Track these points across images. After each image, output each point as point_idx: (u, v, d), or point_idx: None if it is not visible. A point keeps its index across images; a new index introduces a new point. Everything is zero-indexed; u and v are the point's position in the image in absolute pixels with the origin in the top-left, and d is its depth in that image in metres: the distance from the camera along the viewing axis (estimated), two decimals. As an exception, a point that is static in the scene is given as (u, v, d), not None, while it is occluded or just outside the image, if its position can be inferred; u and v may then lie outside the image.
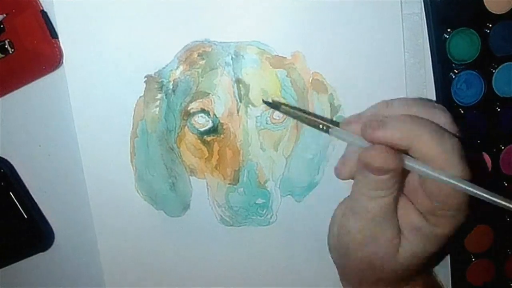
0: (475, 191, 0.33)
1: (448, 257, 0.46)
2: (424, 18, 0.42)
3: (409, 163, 0.34)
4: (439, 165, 0.33)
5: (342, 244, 0.39)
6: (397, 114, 0.35)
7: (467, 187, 0.33)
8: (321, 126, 0.38)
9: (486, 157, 0.44)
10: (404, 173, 0.35)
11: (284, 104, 0.42)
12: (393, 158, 0.33)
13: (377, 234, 0.36)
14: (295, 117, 0.41)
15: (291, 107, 0.42)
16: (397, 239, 0.36)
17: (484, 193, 0.33)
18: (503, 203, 0.33)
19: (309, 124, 0.39)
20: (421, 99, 0.39)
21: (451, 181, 0.33)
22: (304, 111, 0.42)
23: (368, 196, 0.35)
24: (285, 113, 0.41)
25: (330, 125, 0.37)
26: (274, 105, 0.42)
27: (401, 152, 0.34)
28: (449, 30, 0.42)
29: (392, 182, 0.34)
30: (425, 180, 0.35)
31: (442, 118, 0.35)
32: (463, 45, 0.42)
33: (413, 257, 0.36)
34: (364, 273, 0.39)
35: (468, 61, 0.42)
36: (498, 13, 0.41)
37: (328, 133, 0.38)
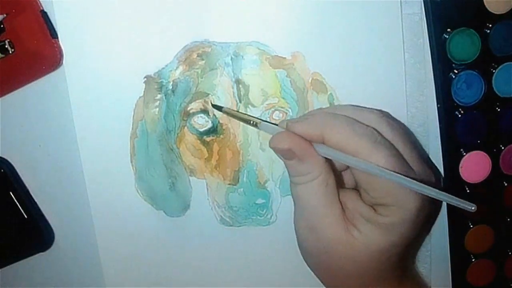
0: (389, 176, 0.33)
1: (448, 257, 0.46)
2: (424, 18, 0.42)
3: (319, 149, 0.36)
4: (353, 152, 0.34)
5: (297, 240, 0.40)
6: (331, 111, 0.38)
7: (375, 171, 0.33)
8: (251, 122, 0.41)
9: (486, 157, 0.44)
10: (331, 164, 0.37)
11: (224, 107, 0.43)
12: (286, 140, 0.36)
13: (313, 221, 0.37)
14: (234, 117, 0.43)
15: (231, 109, 0.43)
16: (341, 225, 0.37)
17: (395, 177, 0.33)
18: (422, 189, 0.33)
19: (243, 121, 0.42)
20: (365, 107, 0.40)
21: (363, 165, 0.34)
22: (240, 112, 0.43)
23: (294, 183, 0.37)
24: (228, 113, 0.43)
25: (259, 121, 0.40)
26: (218, 107, 0.43)
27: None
28: (449, 30, 0.41)
29: (306, 167, 0.36)
30: (354, 172, 0.37)
31: (372, 115, 0.37)
32: (463, 45, 0.41)
33: (367, 247, 0.36)
34: (324, 263, 0.39)
35: (468, 61, 0.42)
36: (498, 13, 0.41)
37: (258, 128, 0.40)
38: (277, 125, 0.39)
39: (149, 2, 0.42)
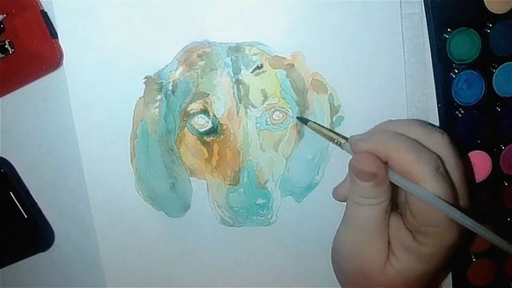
0: (445, 208, 0.33)
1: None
2: (424, 18, 0.41)
3: (391, 174, 0.35)
4: (414, 178, 0.34)
5: (335, 253, 0.40)
6: (398, 130, 0.37)
7: (436, 202, 0.33)
8: (335, 141, 0.40)
9: (487, 157, 0.44)
10: (395, 190, 0.37)
11: (311, 120, 0.43)
12: (375, 162, 0.35)
13: (366, 244, 0.37)
14: (319, 132, 0.42)
15: (317, 124, 0.43)
16: (385, 253, 0.37)
17: (455, 212, 0.33)
18: (474, 226, 0.33)
19: (327, 139, 0.42)
20: (423, 121, 0.40)
21: (423, 194, 0.34)
22: (326, 128, 0.43)
23: (357, 203, 0.37)
24: (312, 128, 0.43)
25: (342, 141, 0.39)
26: (304, 120, 0.43)
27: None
28: (449, 30, 0.41)
29: (377, 191, 0.35)
30: (408, 196, 0.36)
31: (437, 139, 0.36)
32: (463, 45, 0.41)
33: (401, 274, 0.36)
34: (357, 284, 0.38)
35: (468, 61, 0.42)
36: (498, 12, 0.41)
37: (342, 148, 0.40)
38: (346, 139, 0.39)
39: (149, 3, 0.41)
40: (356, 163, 0.36)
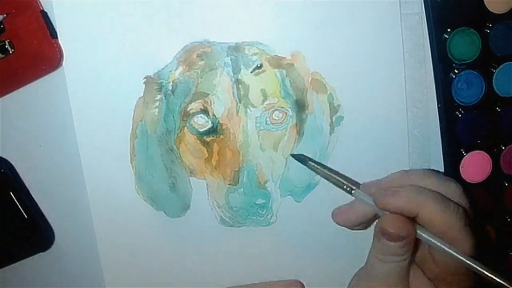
0: (473, 265, 0.34)
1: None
2: (424, 18, 0.41)
3: (420, 232, 0.36)
4: (442, 233, 0.35)
5: None
6: (412, 183, 0.37)
7: (466, 260, 0.34)
8: (345, 187, 0.40)
9: (487, 157, 0.43)
10: (415, 241, 0.37)
11: (310, 159, 0.43)
12: (407, 226, 0.35)
13: None
14: (320, 174, 0.42)
15: (318, 163, 0.42)
16: None
17: (481, 267, 0.34)
18: (499, 280, 0.33)
19: (333, 183, 0.41)
20: (435, 171, 0.41)
21: (452, 253, 0.34)
22: (330, 169, 0.43)
23: (383, 261, 0.37)
24: (312, 169, 0.42)
25: (354, 188, 0.40)
26: (302, 160, 0.43)
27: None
28: (449, 30, 0.41)
29: (406, 249, 0.36)
30: (433, 249, 0.37)
31: (454, 189, 0.37)
32: (464, 45, 0.41)
33: None
34: None
35: (469, 61, 0.41)
36: (498, 12, 0.41)
37: (351, 195, 0.40)
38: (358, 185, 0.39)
39: (149, 3, 0.41)
40: (387, 226, 0.36)
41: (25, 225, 0.44)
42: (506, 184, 0.44)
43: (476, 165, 0.43)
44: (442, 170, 0.44)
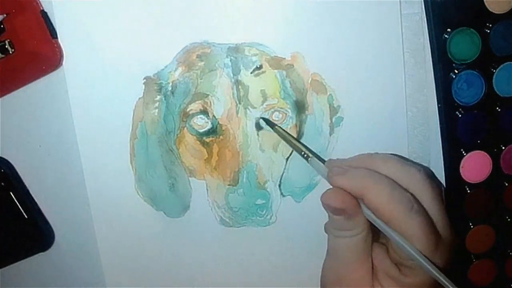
0: (411, 251, 0.34)
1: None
2: (424, 18, 0.41)
3: (366, 210, 0.36)
4: (387, 217, 0.34)
5: (322, 282, 0.40)
6: (372, 165, 0.37)
7: (407, 248, 0.34)
8: (302, 153, 0.41)
9: (487, 157, 0.43)
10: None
11: (277, 125, 0.43)
12: (345, 199, 0.36)
13: (347, 274, 0.38)
14: (284, 139, 0.42)
15: (284, 130, 0.42)
16: (368, 282, 0.37)
17: (421, 258, 0.34)
18: (436, 275, 0.33)
19: (294, 149, 0.42)
20: (401, 157, 0.40)
21: (391, 235, 0.34)
22: (293, 137, 0.43)
23: (333, 235, 0.37)
24: (277, 133, 0.42)
25: (310, 155, 0.40)
26: (270, 123, 0.43)
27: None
28: (449, 30, 0.40)
29: (349, 225, 0.36)
30: None
31: (414, 175, 0.36)
32: (464, 44, 0.41)
33: None
34: None
35: (469, 61, 0.41)
36: (498, 12, 0.40)
37: (307, 162, 0.40)
38: (324, 161, 0.40)
39: (149, 3, 0.41)
40: (325, 199, 0.36)
41: (25, 225, 0.44)
42: (506, 184, 0.44)
43: (476, 165, 0.43)
44: (442, 170, 0.43)
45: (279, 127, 0.42)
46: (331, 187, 0.37)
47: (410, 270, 0.35)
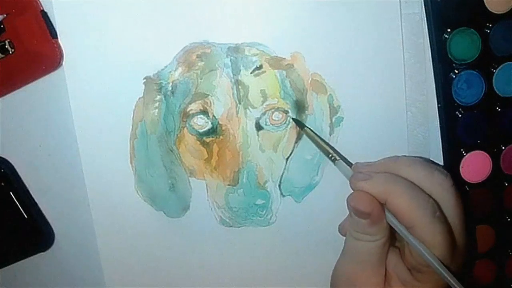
0: (431, 260, 0.33)
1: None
2: (424, 18, 0.41)
3: (390, 217, 0.35)
4: (409, 223, 0.34)
5: (333, 282, 0.40)
6: (397, 169, 0.37)
7: (427, 256, 0.34)
8: (330, 155, 0.40)
9: (487, 157, 0.43)
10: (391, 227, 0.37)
11: (307, 127, 0.42)
12: (371, 203, 0.35)
13: (361, 277, 0.37)
14: (312, 141, 0.42)
15: (313, 132, 0.42)
16: (378, 286, 0.37)
17: (440, 266, 0.33)
18: (454, 284, 0.33)
19: (321, 151, 0.41)
20: (426, 160, 0.40)
21: (415, 245, 0.34)
22: (323, 140, 0.42)
23: (354, 238, 0.37)
24: (307, 135, 0.42)
25: (337, 158, 0.40)
26: (300, 124, 0.43)
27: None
28: (449, 30, 0.40)
29: (375, 229, 0.36)
30: None
31: (438, 179, 0.36)
32: (464, 45, 0.40)
33: None
34: None
35: (469, 61, 0.41)
36: (498, 12, 0.40)
37: (334, 164, 0.40)
38: (351, 165, 0.40)
39: (149, 3, 0.40)
40: (352, 201, 0.36)
41: (25, 225, 0.43)
42: (506, 184, 0.44)
43: (476, 165, 0.43)
44: None
45: (309, 128, 0.42)
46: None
47: (423, 275, 0.35)
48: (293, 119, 0.42)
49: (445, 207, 0.35)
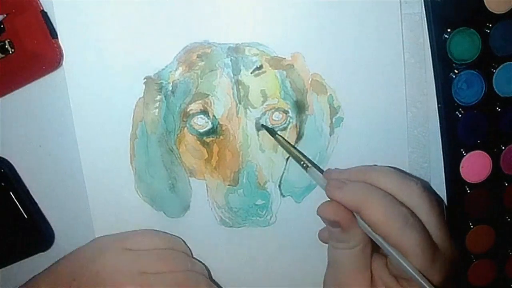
0: (406, 267, 0.34)
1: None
2: (424, 18, 0.40)
3: (362, 225, 0.36)
4: (383, 232, 0.34)
5: None
6: (371, 178, 0.37)
7: (399, 260, 0.34)
8: (302, 162, 0.40)
9: (487, 157, 0.42)
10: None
11: (278, 134, 0.42)
12: (340, 212, 0.36)
13: (343, 283, 0.37)
14: (284, 148, 0.42)
15: (284, 139, 0.42)
16: None
17: (415, 272, 0.33)
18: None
19: (293, 158, 0.42)
20: (399, 170, 0.40)
21: (389, 250, 0.34)
22: (293, 146, 0.43)
23: (334, 247, 0.38)
24: (278, 141, 0.42)
25: (309, 165, 0.40)
26: (270, 131, 0.42)
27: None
28: (449, 30, 0.40)
29: (347, 236, 0.36)
30: None
31: (414, 188, 0.36)
32: (464, 44, 0.40)
33: None
34: None
35: (469, 61, 0.40)
36: (498, 12, 0.40)
37: (306, 171, 0.40)
38: (322, 171, 0.41)
39: (149, 3, 0.40)
40: (321, 211, 0.37)
41: (25, 225, 0.43)
42: (506, 184, 0.43)
43: (476, 165, 0.43)
44: (442, 170, 0.43)
45: (280, 135, 0.42)
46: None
47: (408, 282, 0.35)
48: (262, 125, 0.42)
49: (421, 214, 0.35)
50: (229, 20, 0.40)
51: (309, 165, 0.40)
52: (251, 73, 0.41)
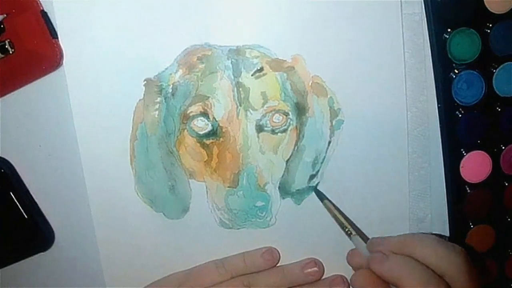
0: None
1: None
2: (424, 18, 0.39)
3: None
4: None
5: None
6: (412, 249, 0.37)
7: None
8: (346, 229, 0.40)
9: (487, 157, 0.41)
10: None
11: (328, 199, 0.42)
12: (373, 284, 0.36)
13: None
14: (331, 214, 0.41)
15: (333, 205, 0.41)
16: None
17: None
18: None
19: (338, 224, 0.41)
20: (442, 239, 0.38)
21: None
22: (341, 213, 0.41)
23: None
24: (326, 207, 0.41)
25: (353, 232, 0.39)
26: (320, 196, 0.42)
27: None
28: (449, 30, 0.39)
29: None
30: None
31: (453, 260, 0.36)
32: (464, 45, 0.39)
33: None
34: None
35: (469, 61, 0.39)
36: (498, 13, 0.39)
37: (350, 238, 0.39)
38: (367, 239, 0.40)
39: (149, 5, 0.38)
40: (353, 278, 0.37)
41: (25, 225, 0.41)
42: (506, 184, 0.42)
43: (476, 165, 0.41)
44: (442, 170, 0.42)
45: (329, 201, 0.41)
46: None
47: None
48: (314, 191, 0.41)
49: (458, 284, 0.35)
50: (230, 22, 0.39)
51: (354, 232, 0.39)
52: (252, 75, 0.40)
